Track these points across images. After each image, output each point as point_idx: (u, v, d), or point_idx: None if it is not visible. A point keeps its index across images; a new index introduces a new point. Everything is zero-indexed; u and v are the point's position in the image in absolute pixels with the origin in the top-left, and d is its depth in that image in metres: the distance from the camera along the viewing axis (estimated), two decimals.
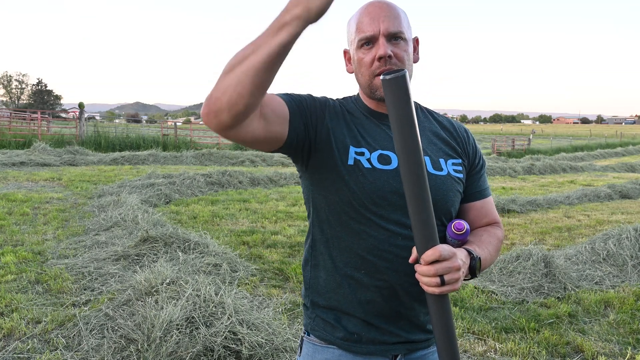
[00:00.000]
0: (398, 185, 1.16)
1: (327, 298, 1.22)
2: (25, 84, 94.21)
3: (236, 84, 0.93)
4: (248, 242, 5.89)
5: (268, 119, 1.07)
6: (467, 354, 3.32)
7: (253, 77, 0.93)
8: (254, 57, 0.92)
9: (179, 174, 10.12)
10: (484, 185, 1.33)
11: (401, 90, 0.97)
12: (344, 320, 1.21)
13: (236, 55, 0.96)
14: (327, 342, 1.23)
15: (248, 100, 0.95)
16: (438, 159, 1.23)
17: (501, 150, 26.29)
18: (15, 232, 5.84)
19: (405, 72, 0.98)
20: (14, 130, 19.72)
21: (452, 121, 1.34)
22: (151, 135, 21.18)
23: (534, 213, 8.70)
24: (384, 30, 1.15)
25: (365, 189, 1.15)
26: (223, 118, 0.97)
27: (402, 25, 1.18)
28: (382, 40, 1.15)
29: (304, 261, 1.30)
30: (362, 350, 1.20)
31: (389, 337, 1.20)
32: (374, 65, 1.17)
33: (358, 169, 1.17)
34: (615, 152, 29.13)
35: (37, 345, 3.13)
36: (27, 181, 10.00)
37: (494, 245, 1.26)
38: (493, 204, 1.36)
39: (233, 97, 0.94)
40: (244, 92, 0.93)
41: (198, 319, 3.02)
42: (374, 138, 1.21)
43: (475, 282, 4.69)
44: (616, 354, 3.37)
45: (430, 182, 1.15)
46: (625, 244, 5.35)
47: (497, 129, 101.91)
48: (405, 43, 1.19)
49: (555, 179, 14.96)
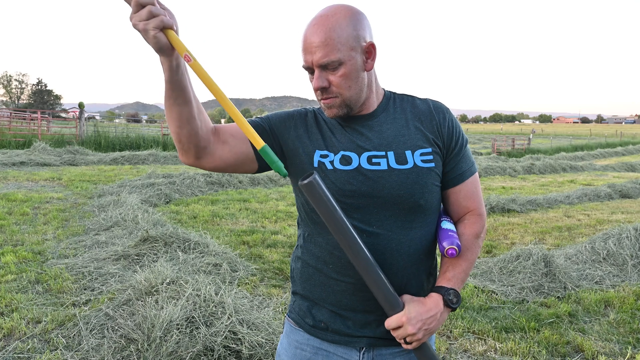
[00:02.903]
0: (358, 184, 1.21)
1: (303, 287, 1.33)
2: (25, 84, 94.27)
3: (169, 125, 1.15)
4: (248, 242, 5.89)
5: (229, 143, 1.22)
6: (467, 353, 3.32)
7: (170, 116, 1.12)
8: (164, 103, 1.12)
9: (179, 173, 10.13)
10: (464, 167, 1.28)
11: (315, 189, 1.10)
12: (314, 309, 1.30)
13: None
14: (299, 326, 1.34)
15: (184, 132, 1.13)
16: (404, 151, 1.22)
17: (501, 150, 26.29)
18: (15, 232, 5.84)
19: (312, 178, 1.09)
20: (14, 130, 19.72)
21: (430, 104, 1.30)
22: (151, 135, 21.18)
23: (534, 213, 8.70)
24: (316, 62, 1.16)
25: (330, 189, 1.19)
26: (185, 153, 1.18)
27: (336, 49, 1.15)
28: (317, 72, 1.18)
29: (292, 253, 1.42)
30: (327, 338, 1.28)
31: (353, 330, 1.26)
32: (316, 93, 1.22)
33: (321, 170, 1.23)
34: (615, 152, 29.11)
35: (37, 345, 3.13)
36: (27, 181, 10.00)
37: (471, 251, 1.27)
38: (475, 186, 1.30)
39: (175, 136, 1.15)
40: (176, 129, 1.13)
41: (198, 318, 3.02)
42: (339, 141, 1.26)
43: (475, 281, 4.69)
44: (616, 354, 3.37)
45: (392, 178, 1.20)
46: (626, 244, 5.35)
47: (497, 128, 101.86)
48: (343, 66, 1.16)
49: (555, 178, 14.96)
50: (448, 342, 3.47)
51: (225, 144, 1.21)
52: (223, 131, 1.22)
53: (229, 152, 1.22)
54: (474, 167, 1.32)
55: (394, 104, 1.30)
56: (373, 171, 1.20)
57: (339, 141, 1.26)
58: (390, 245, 1.21)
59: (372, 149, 1.22)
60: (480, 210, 1.31)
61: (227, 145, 1.21)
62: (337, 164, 1.23)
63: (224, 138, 1.21)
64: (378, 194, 1.20)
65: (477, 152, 25.29)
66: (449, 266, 1.25)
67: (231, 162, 1.23)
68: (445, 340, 3.49)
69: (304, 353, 1.31)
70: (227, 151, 1.21)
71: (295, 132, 1.29)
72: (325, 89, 1.18)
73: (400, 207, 1.20)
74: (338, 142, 1.25)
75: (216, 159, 1.20)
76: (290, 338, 1.35)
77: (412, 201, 1.20)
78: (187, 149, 1.16)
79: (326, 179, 1.22)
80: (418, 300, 1.19)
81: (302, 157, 1.26)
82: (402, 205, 1.20)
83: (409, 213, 1.21)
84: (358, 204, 1.21)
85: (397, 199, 1.20)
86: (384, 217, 1.20)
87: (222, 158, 1.21)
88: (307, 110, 1.35)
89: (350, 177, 1.21)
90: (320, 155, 1.25)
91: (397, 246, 1.21)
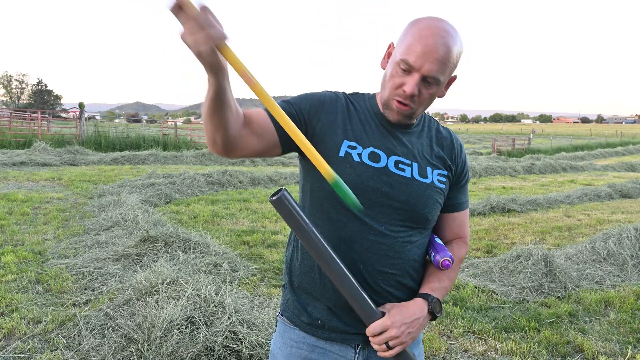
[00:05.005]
0: (381, 184, 1.23)
1: (300, 280, 1.31)
2: (25, 84, 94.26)
3: (205, 127, 1.14)
4: (248, 242, 5.89)
5: (258, 133, 1.20)
6: (467, 353, 3.32)
7: (209, 122, 1.10)
8: (203, 110, 1.10)
9: (179, 173, 10.12)
10: (463, 198, 1.40)
11: (284, 206, 1.11)
12: (310, 306, 1.30)
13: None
14: (293, 324, 1.33)
15: (219, 134, 1.11)
16: (426, 167, 1.29)
17: (501, 150, 26.29)
18: (15, 232, 5.84)
19: (281, 194, 1.11)
20: (14, 130, 19.71)
21: (451, 133, 1.40)
22: (151, 135, 21.15)
23: (534, 212, 8.70)
24: (426, 72, 1.16)
25: (350, 181, 1.19)
26: (217, 148, 1.15)
27: (445, 70, 1.18)
28: (417, 79, 1.17)
29: (288, 241, 1.40)
30: (323, 336, 1.28)
31: (350, 328, 1.26)
32: (397, 90, 1.21)
33: (347, 161, 1.23)
34: (615, 152, 29.11)
35: (38, 345, 3.13)
36: (27, 181, 10.00)
37: (454, 272, 1.35)
38: (467, 217, 1.43)
39: (209, 135, 1.13)
40: (212, 132, 1.11)
41: (198, 318, 3.02)
42: (369, 136, 1.27)
43: (475, 281, 4.69)
44: (616, 354, 3.37)
45: (412, 187, 1.25)
46: (626, 244, 5.35)
47: (497, 128, 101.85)
48: (437, 87, 1.20)
49: (556, 178, 14.96)
50: (448, 342, 3.47)
51: (254, 136, 1.19)
52: (254, 122, 1.20)
53: (258, 143, 1.20)
54: (469, 203, 1.45)
55: (424, 122, 1.37)
56: (397, 175, 1.24)
57: (369, 137, 1.27)
58: (395, 247, 1.24)
59: (401, 155, 1.27)
60: (467, 240, 1.44)
61: (256, 137, 1.20)
62: (365, 158, 1.24)
63: (253, 128, 1.19)
64: (396, 198, 1.23)
65: (477, 152, 25.29)
66: (434, 278, 1.30)
67: (259, 151, 1.22)
68: (446, 340, 3.49)
69: (300, 351, 1.31)
70: (256, 142, 1.20)
71: (326, 118, 1.27)
72: (414, 97, 1.20)
73: (410, 215, 1.25)
74: (368, 138, 1.26)
75: (245, 150, 1.19)
76: (284, 337, 1.34)
77: (422, 213, 1.26)
78: (219, 145, 1.14)
79: (350, 169, 1.22)
80: (400, 305, 1.22)
81: (328, 144, 1.25)
82: (412, 214, 1.25)
83: (415, 222, 1.27)
84: (374, 202, 1.22)
85: (411, 207, 1.24)
86: (393, 219, 1.24)
87: (250, 148, 1.19)
88: (337, 95, 1.33)
89: (375, 175, 1.23)
90: (348, 145, 1.25)
91: (400, 248, 1.25)
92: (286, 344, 1.34)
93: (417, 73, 1.17)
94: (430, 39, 1.15)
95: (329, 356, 1.29)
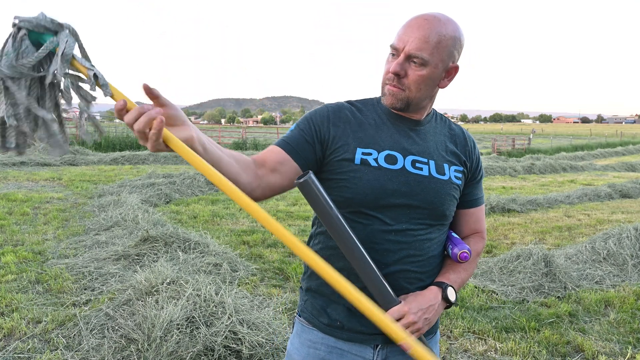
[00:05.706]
0: (399, 185, 1.24)
1: (320, 282, 1.30)
2: None
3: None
4: (248, 242, 5.89)
5: (278, 170, 1.22)
6: (467, 353, 3.32)
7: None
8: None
9: (179, 173, 10.12)
10: (479, 194, 1.42)
11: (310, 188, 1.11)
12: (329, 307, 1.30)
13: None
14: (312, 325, 1.33)
15: (238, 186, 1.08)
16: (442, 164, 1.31)
17: (501, 150, 26.29)
18: (15, 232, 5.84)
19: (307, 177, 1.10)
20: None
21: (463, 131, 1.43)
22: None
23: (534, 212, 8.70)
24: (407, 50, 1.19)
25: (371, 186, 1.22)
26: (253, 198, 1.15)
27: (429, 51, 1.19)
28: (401, 58, 1.20)
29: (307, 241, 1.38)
30: (342, 337, 1.29)
31: (369, 329, 1.26)
32: (388, 75, 1.24)
33: (365, 167, 1.24)
34: (615, 152, 29.09)
35: (38, 345, 3.13)
36: (27, 181, 10.00)
37: (472, 265, 1.37)
38: (484, 213, 1.45)
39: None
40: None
41: (198, 318, 3.02)
42: (384, 139, 1.28)
43: (475, 281, 4.69)
44: (616, 354, 3.37)
45: (431, 185, 1.26)
46: (626, 243, 5.35)
47: (497, 128, 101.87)
48: (423, 68, 1.20)
49: (556, 178, 14.95)
50: (448, 342, 3.47)
51: (275, 173, 1.21)
52: (268, 160, 1.21)
53: (280, 178, 1.21)
54: (484, 198, 1.47)
55: (436, 119, 1.38)
56: (415, 175, 1.26)
57: (383, 140, 1.28)
58: (415, 245, 1.26)
59: (417, 153, 1.28)
60: (485, 234, 1.46)
61: (278, 174, 1.21)
62: (381, 162, 1.25)
63: (271, 166, 1.21)
64: (415, 197, 1.25)
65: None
66: (450, 269, 1.32)
67: (286, 185, 1.23)
68: (446, 340, 3.49)
69: (318, 352, 1.31)
70: (278, 178, 1.21)
71: (335, 131, 1.28)
72: (399, 77, 1.22)
73: (429, 212, 1.27)
74: (382, 141, 1.27)
75: (274, 188, 1.21)
76: (302, 338, 1.35)
77: (441, 210, 1.28)
78: (247, 194, 1.13)
79: (369, 175, 1.23)
80: (416, 293, 1.24)
81: (343, 155, 1.26)
82: (431, 212, 1.27)
83: (434, 219, 1.29)
84: (394, 203, 1.24)
85: (430, 205, 1.26)
86: (412, 218, 1.26)
87: (278, 185, 1.21)
88: (339, 106, 1.33)
89: (393, 177, 1.24)
90: (362, 152, 1.25)
91: (420, 245, 1.27)
92: (304, 344, 1.34)
93: (402, 54, 1.20)
94: (414, 21, 1.21)
95: (347, 357, 1.29)
